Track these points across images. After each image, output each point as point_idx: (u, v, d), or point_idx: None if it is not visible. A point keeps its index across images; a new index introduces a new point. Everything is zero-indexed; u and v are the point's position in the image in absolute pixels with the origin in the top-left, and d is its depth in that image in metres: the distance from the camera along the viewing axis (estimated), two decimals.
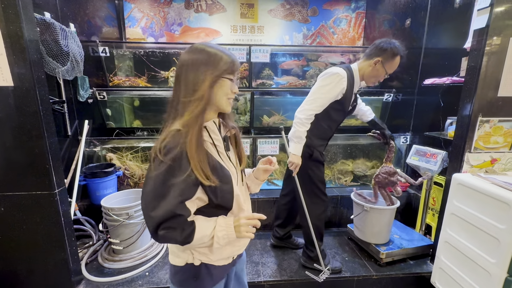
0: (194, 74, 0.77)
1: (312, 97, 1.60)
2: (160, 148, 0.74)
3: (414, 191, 2.44)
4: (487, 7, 1.48)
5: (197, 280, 0.85)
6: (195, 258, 0.85)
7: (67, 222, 1.58)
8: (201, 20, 3.08)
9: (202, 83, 0.76)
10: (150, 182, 0.74)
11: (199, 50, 0.79)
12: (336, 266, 1.83)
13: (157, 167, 0.73)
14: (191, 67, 0.77)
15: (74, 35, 2.02)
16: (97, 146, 2.38)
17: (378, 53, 1.56)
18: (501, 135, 1.62)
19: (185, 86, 0.77)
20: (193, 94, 0.76)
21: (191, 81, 0.77)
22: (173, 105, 0.81)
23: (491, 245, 1.37)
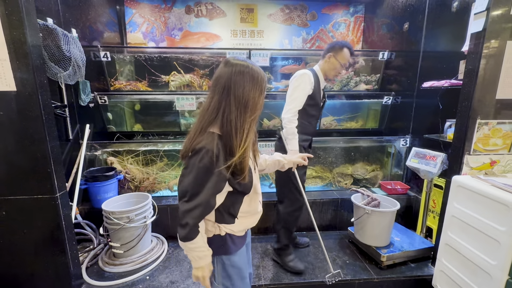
0: (242, 90, 0.91)
1: (292, 97, 1.79)
2: (200, 148, 0.89)
3: (414, 193, 2.45)
4: (484, 11, 1.50)
5: (224, 247, 1.06)
6: (222, 230, 1.04)
7: (68, 226, 1.58)
8: (202, 24, 3.11)
9: (253, 100, 0.93)
10: (191, 175, 0.90)
11: (243, 65, 0.93)
12: (296, 266, 1.87)
13: (197, 164, 0.89)
14: (239, 82, 0.91)
15: (76, 40, 2.05)
16: (98, 150, 2.40)
17: (329, 50, 1.84)
18: (500, 137, 1.63)
19: (236, 100, 0.91)
20: (245, 109, 0.93)
21: (241, 97, 0.91)
22: (216, 113, 0.93)
23: (491, 247, 1.37)
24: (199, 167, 0.89)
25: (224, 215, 1.03)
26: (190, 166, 0.91)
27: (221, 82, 0.92)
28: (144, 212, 1.95)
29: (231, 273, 1.09)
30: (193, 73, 2.78)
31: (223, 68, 0.95)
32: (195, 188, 0.91)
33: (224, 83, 0.92)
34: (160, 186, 2.53)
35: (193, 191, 0.91)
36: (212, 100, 0.94)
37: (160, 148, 2.53)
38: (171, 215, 2.28)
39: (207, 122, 0.93)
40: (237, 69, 0.92)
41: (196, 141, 0.92)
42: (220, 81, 0.93)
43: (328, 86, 2.91)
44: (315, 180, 2.75)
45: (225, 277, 1.09)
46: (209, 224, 1.05)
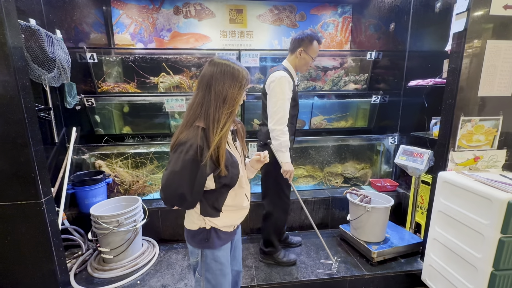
0: (222, 86, 0.99)
1: (278, 104, 1.64)
2: (185, 141, 0.94)
3: (403, 190, 2.49)
4: (464, 11, 1.55)
5: (208, 240, 1.10)
6: (207, 224, 1.09)
7: (55, 231, 1.54)
8: (191, 25, 3.09)
9: (231, 95, 1.00)
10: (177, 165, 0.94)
11: (225, 65, 1.01)
12: (290, 259, 1.95)
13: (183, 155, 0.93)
14: (220, 79, 0.99)
15: (60, 42, 2.00)
16: (85, 153, 2.34)
17: (298, 45, 1.75)
18: (483, 134, 1.68)
19: (215, 95, 0.98)
20: (223, 103, 0.99)
21: (221, 92, 0.98)
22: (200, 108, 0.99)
23: (476, 241, 1.41)
24: (185, 159, 0.93)
25: (208, 208, 1.07)
26: (175, 158, 0.95)
27: (205, 79, 1.01)
28: (134, 216, 1.92)
29: (213, 268, 1.12)
30: (182, 74, 2.76)
31: (207, 67, 1.03)
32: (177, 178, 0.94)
33: (207, 80, 1.00)
34: (150, 189, 2.50)
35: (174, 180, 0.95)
36: (197, 96, 1.01)
37: (150, 150, 2.50)
38: (162, 218, 2.25)
39: (193, 117, 1.00)
40: (219, 67, 1.01)
41: (182, 134, 0.98)
42: (203, 79, 1.01)
43: (318, 86, 2.94)
44: (307, 179, 2.77)
45: (208, 270, 1.12)
46: (194, 216, 1.10)
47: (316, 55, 1.80)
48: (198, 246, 1.11)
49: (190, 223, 1.12)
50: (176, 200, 0.99)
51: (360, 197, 2.09)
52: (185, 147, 0.94)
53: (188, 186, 0.96)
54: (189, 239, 1.15)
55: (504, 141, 1.69)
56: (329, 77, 2.97)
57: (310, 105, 2.84)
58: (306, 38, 1.73)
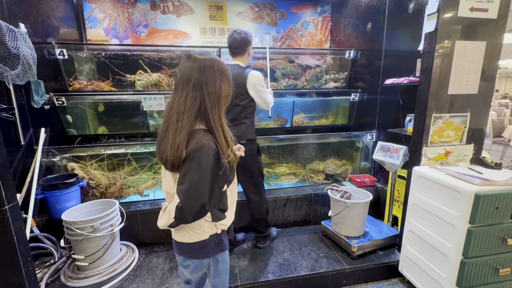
0: (214, 84, 0.92)
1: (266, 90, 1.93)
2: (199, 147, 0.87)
3: (381, 185, 2.58)
4: (435, 12, 1.62)
5: (221, 244, 1.07)
6: (218, 228, 1.05)
7: (21, 240, 1.43)
8: (169, 21, 3.00)
9: (224, 93, 0.95)
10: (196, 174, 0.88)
11: (211, 60, 0.94)
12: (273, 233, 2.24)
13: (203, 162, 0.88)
14: (211, 77, 0.92)
15: (25, 36, 1.85)
16: (56, 155, 2.20)
17: (247, 43, 1.88)
18: (453, 130, 1.77)
19: (210, 95, 0.92)
20: (218, 102, 0.94)
21: (214, 92, 0.92)
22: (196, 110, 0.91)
23: (448, 231, 1.49)
24: (205, 166, 0.87)
25: (217, 213, 1.03)
26: (193, 167, 0.87)
27: (192, 79, 0.91)
28: (111, 220, 1.84)
29: (221, 270, 1.10)
30: (161, 72, 2.67)
31: (190, 64, 0.92)
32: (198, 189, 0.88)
33: (196, 79, 0.91)
34: (129, 191, 2.40)
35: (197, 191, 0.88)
36: (187, 98, 0.91)
37: (127, 151, 2.40)
38: (142, 221, 2.18)
39: (189, 121, 0.90)
40: (205, 63, 0.92)
41: (190, 142, 0.88)
42: (190, 78, 0.91)
43: (299, 84, 2.96)
44: (289, 177, 2.79)
45: (216, 275, 1.09)
46: (204, 226, 1.02)
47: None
48: (210, 255, 1.05)
49: (196, 235, 1.02)
50: (196, 214, 0.91)
51: (341, 193, 2.13)
52: (202, 153, 0.87)
53: (209, 194, 0.90)
54: (195, 253, 1.04)
55: (471, 137, 1.80)
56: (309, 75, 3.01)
57: (292, 103, 2.86)
58: (250, 37, 1.90)
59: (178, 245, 1.06)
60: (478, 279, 1.47)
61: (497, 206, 1.37)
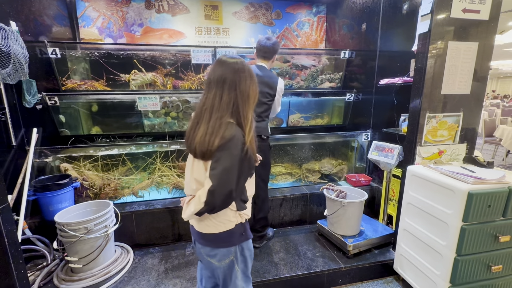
0: (245, 84, 1.05)
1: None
2: (231, 138, 0.98)
3: (376, 184, 2.60)
4: (428, 13, 1.64)
5: (245, 233, 1.15)
6: (242, 218, 1.13)
7: (12, 243, 1.40)
8: (164, 21, 2.98)
9: (253, 92, 1.07)
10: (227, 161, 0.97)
11: (241, 63, 1.07)
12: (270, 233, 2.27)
13: (232, 151, 0.98)
14: (243, 78, 1.05)
15: (16, 35, 1.82)
16: (49, 156, 2.17)
17: (276, 53, 2.03)
18: (446, 129, 1.79)
19: (240, 94, 1.04)
20: (248, 101, 1.06)
21: (245, 91, 1.05)
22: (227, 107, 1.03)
23: (441, 229, 1.51)
24: (234, 155, 0.98)
25: (240, 203, 1.11)
26: (224, 155, 0.97)
27: (227, 80, 1.03)
28: (105, 221, 1.82)
29: (247, 256, 1.18)
30: (156, 71, 2.65)
31: (224, 67, 1.05)
32: (228, 175, 0.97)
33: (230, 81, 1.04)
34: (123, 192, 2.38)
35: (227, 177, 0.97)
36: (222, 95, 1.03)
37: (121, 151, 2.37)
38: (137, 222, 2.15)
39: (224, 115, 1.02)
40: (237, 66, 1.05)
41: (220, 133, 0.98)
42: (226, 79, 1.03)
43: (295, 84, 2.97)
44: (285, 177, 2.80)
45: (242, 261, 1.17)
46: (230, 215, 1.10)
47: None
48: (236, 243, 1.13)
49: (222, 225, 1.10)
50: (225, 199, 0.99)
51: (336, 192, 2.14)
52: (233, 143, 0.98)
53: (236, 182, 0.99)
54: (222, 242, 1.12)
55: (464, 136, 1.82)
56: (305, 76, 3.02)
57: (287, 103, 2.86)
58: (278, 47, 2.03)
59: (204, 236, 1.12)
60: (471, 276, 1.49)
61: (489, 204, 1.39)
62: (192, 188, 1.10)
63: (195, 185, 1.09)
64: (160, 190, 2.49)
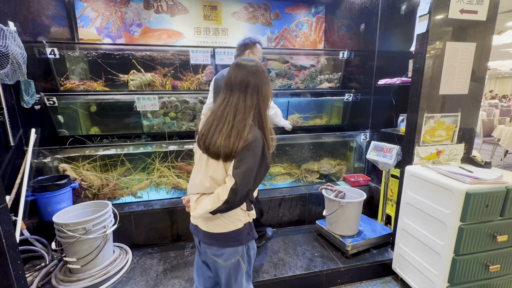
0: (265, 88, 1.09)
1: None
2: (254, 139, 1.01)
3: (375, 184, 2.61)
4: (426, 14, 1.64)
5: (252, 232, 1.17)
6: (250, 217, 1.16)
7: (10, 244, 1.39)
8: (162, 21, 2.98)
9: (270, 95, 1.12)
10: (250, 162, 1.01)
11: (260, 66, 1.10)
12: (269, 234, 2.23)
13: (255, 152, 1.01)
14: (263, 83, 1.08)
15: (14, 35, 1.81)
16: (47, 156, 2.16)
17: (244, 48, 1.94)
18: (444, 129, 1.80)
19: (262, 97, 1.08)
20: (266, 104, 1.10)
21: (266, 95, 1.09)
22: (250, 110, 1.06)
23: (439, 229, 1.51)
24: (257, 155, 1.01)
25: (248, 203, 1.13)
26: (249, 156, 1.00)
27: (250, 84, 1.06)
28: (104, 222, 1.81)
29: (251, 255, 1.20)
30: (155, 71, 2.65)
31: (244, 70, 1.07)
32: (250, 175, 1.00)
33: (253, 85, 1.06)
34: (122, 192, 2.37)
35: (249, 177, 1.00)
36: (245, 99, 1.05)
37: (120, 152, 2.37)
38: (135, 223, 2.15)
39: (244, 119, 1.04)
40: (258, 69, 1.08)
41: (244, 134, 1.00)
42: (249, 84, 1.06)
43: (294, 84, 2.97)
44: (284, 177, 2.80)
45: (248, 260, 1.19)
46: (240, 214, 1.12)
47: (261, 56, 2.02)
48: (243, 242, 1.14)
49: (232, 224, 1.11)
50: (243, 198, 1.01)
51: (335, 192, 2.15)
52: (256, 144, 1.01)
53: (254, 182, 1.03)
54: (231, 241, 1.12)
55: (462, 136, 1.83)
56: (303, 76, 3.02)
57: (286, 103, 2.86)
58: (250, 42, 1.94)
59: (213, 236, 1.12)
60: (469, 276, 1.50)
61: (487, 204, 1.40)
62: (205, 186, 1.08)
63: (210, 183, 1.08)
64: (159, 190, 2.49)
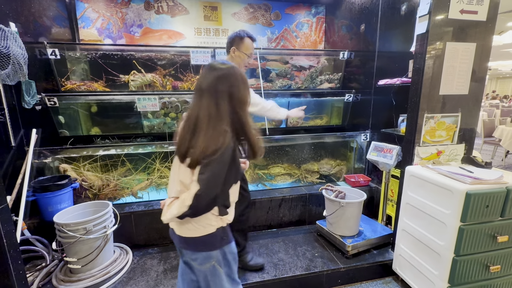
0: (238, 91, 1.03)
1: None
2: (221, 145, 0.96)
3: (375, 184, 2.61)
4: (426, 14, 1.65)
5: (226, 237, 1.14)
6: (224, 222, 1.12)
7: (11, 243, 1.40)
8: (163, 22, 2.98)
9: (246, 98, 1.06)
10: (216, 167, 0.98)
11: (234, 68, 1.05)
12: (258, 262, 1.89)
13: (221, 157, 0.97)
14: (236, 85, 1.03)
15: (15, 36, 1.83)
16: (48, 157, 2.17)
17: (230, 45, 1.79)
18: (444, 130, 1.80)
19: (238, 102, 1.03)
20: (244, 105, 1.06)
21: (241, 98, 1.04)
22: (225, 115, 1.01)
23: (439, 229, 1.51)
24: (223, 161, 0.98)
25: (222, 208, 1.10)
26: (215, 161, 0.97)
27: (222, 88, 1.01)
28: (104, 222, 1.82)
29: (230, 260, 1.17)
30: (155, 72, 2.65)
31: (215, 73, 1.02)
32: (216, 180, 0.98)
33: (224, 89, 1.01)
34: (122, 193, 2.38)
35: (215, 182, 0.98)
36: (218, 105, 1.00)
37: (121, 152, 2.38)
38: (136, 223, 2.16)
39: (220, 125, 1.00)
40: (230, 71, 1.03)
41: (213, 141, 0.97)
42: (220, 88, 1.01)
43: (294, 84, 2.97)
44: (284, 177, 2.80)
45: (226, 264, 1.16)
46: (212, 219, 1.09)
47: (251, 51, 1.82)
48: (217, 247, 1.12)
49: (203, 229, 1.09)
50: (209, 204, 1.00)
51: (335, 193, 2.15)
52: (223, 150, 0.97)
53: (221, 188, 1.01)
54: (203, 246, 1.11)
55: (462, 136, 1.83)
56: (304, 76, 3.02)
57: (287, 103, 2.87)
58: (237, 36, 1.77)
59: (185, 240, 1.11)
60: (469, 277, 1.49)
61: (487, 204, 1.39)
62: (177, 190, 1.09)
63: (180, 187, 1.08)
64: (160, 190, 2.49)
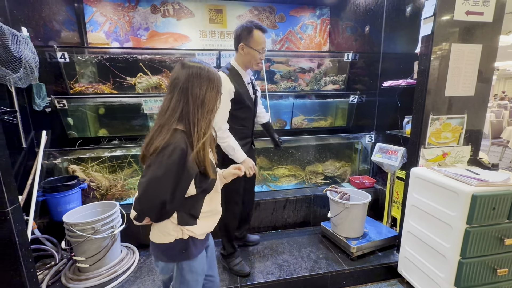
0: (199, 89, 0.96)
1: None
2: (167, 145, 0.90)
3: (380, 186, 2.60)
4: (431, 16, 1.64)
5: (186, 251, 1.04)
6: (184, 234, 1.02)
7: (23, 242, 1.44)
8: (169, 25, 3.03)
9: (209, 98, 0.98)
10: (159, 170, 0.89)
11: (199, 67, 0.98)
12: (243, 270, 1.84)
13: (166, 159, 0.89)
14: (197, 82, 0.96)
15: (27, 40, 1.88)
16: (57, 158, 2.22)
17: (237, 41, 1.62)
18: (450, 131, 1.79)
19: (193, 99, 0.95)
20: (202, 107, 0.96)
21: (198, 96, 0.96)
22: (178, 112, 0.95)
23: (445, 232, 1.50)
24: (168, 163, 0.89)
25: (185, 217, 1.02)
26: (157, 163, 0.90)
27: (179, 83, 0.96)
28: (112, 222, 1.85)
29: (189, 279, 1.08)
30: (161, 74, 2.69)
31: (180, 70, 0.98)
32: (158, 185, 0.90)
33: (182, 84, 0.96)
34: (129, 193, 2.42)
35: (155, 187, 0.90)
36: (171, 100, 0.96)
37: (127, 153, 2.42)
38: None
39: (168, 121, 0.95)
40: (194, 70, 0.97)
41: (159, 139, 0.92)
42: (178, 83, 0.96)
43: (298, 86, 2.98)
44: (289, 179, 2.80)
45: (182, 282, 1.08)
46: (170, 228, 1.01)
47: (263, 46, 1.61)
48: (174, 260, 1.05)
49: (162, 237, 1.02)
50: (155, 210, 0.93)
51: (340, 194, 2.15)
52: (168, 151, 0.89)
53: (171, 193, 0.91)
54: (161, 254, 1.05)
55: (468, 138, 1.81)
56: (308, 78, 3.03)
57: (291, 105, 2.88)
58: (244, 30, 1.57)
59: (151, 244, 1.08)
60: (476, 280, 1.48)
61: (494, 206, 1.38)
62: None
63: None
64: None
